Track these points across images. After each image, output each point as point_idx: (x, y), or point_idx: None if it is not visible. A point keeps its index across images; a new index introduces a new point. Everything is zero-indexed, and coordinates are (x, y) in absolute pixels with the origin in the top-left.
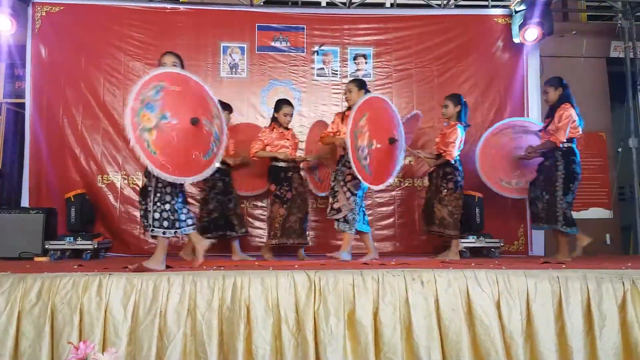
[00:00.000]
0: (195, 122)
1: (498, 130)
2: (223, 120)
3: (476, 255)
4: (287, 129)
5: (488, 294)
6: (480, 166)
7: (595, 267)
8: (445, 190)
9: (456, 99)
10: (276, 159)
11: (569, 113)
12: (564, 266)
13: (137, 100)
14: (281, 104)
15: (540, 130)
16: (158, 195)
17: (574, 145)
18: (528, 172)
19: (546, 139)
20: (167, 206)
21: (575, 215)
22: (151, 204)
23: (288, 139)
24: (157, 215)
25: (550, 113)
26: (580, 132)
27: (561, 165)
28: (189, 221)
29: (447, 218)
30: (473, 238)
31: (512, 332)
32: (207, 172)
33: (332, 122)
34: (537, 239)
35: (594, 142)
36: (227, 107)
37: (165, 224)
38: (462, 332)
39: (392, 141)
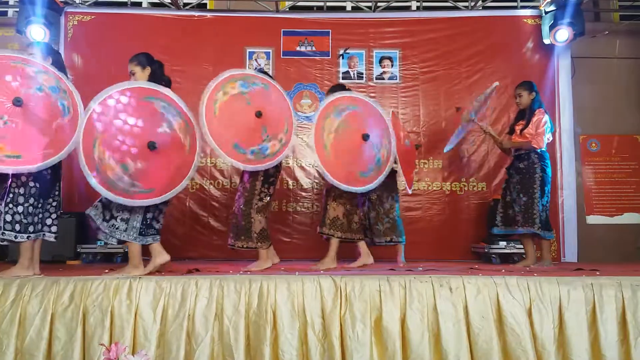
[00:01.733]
0: (17, 102)
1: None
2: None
3: (506, 261)
4: None
5: (519, 301)
6: None
7: (630, 274)
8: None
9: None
10: None
11: (546, 119)
12: (598, 273)
13: None
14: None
15: (510, 133)
16: (11, 196)
17: (546, 150)
18: None
19: (525, 141)
20: (20, 208)
21: (609, 220)
22: (3, 205)
23: None
24: (8, 218)
25: (522, 116)
26: (551, 138)
27: (538, 167)
28: (38, 226)
29: (341, 218)
30: (503, 244)
31: (544, 341)
32: (81, 127)
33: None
34: (571, 245)
35: (628, 146)
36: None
37: (17, 227)
38: (492, 340)
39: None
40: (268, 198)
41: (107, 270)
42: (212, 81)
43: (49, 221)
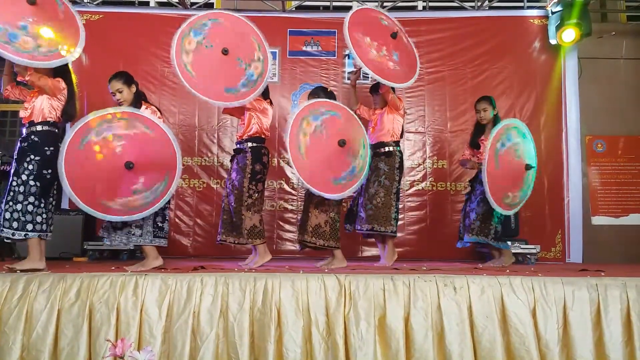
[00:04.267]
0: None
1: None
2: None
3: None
4: None
5: (523, 301)
6: None
7: (636, 275)
8: None
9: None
10: None
11: None
12: (602, 274)
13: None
14: None
15: (473, 146)
16: (11, 194)
17: None
18: None
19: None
20: (19, 206)
21: (615, 221)
22: (4, 203)
23: None
24: (7, 215)
25: (481, 130)
26: None
27: None
28: (44, 226)
29: (323, 226)
30: (508, 243)
31: (548, 341)
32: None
33: None
34: (576, 246)
35: (634, 146)
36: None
37: (15, 225)
38: (496, 340)
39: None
40: (257, 195)
41: (126, 269)
42: (171, 50)
43: (50, 221)
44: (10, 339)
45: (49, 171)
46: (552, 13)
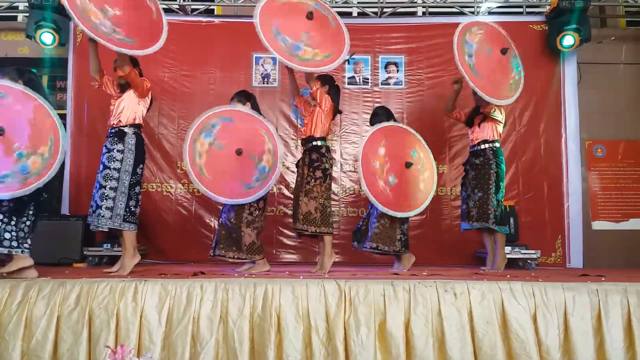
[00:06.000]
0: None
1: None
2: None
3: (512, 266)
4: None
5: (524, 306)
6: None
7: (636, 280)
8: (313, 181)
9: None
10: None
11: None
12: (603, 279)
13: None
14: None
15: (468, 124)
16: None
17: (499, 145)
18: None
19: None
20: None
21: (615, 226)
22: None
23: None
24: None
25: (478, 110)
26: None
27: (493, 163)
28: (14, 243)
29: (313, 213)
30: (508, 249)
31: (549, 347)
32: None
33: None
34: (576, 251)
35: (634, 151)
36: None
37: None
38: (496, 346)
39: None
40: (257, 212)
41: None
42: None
43: (26, 237)
44: (10, 345)
45: None
46: (552, 19)
